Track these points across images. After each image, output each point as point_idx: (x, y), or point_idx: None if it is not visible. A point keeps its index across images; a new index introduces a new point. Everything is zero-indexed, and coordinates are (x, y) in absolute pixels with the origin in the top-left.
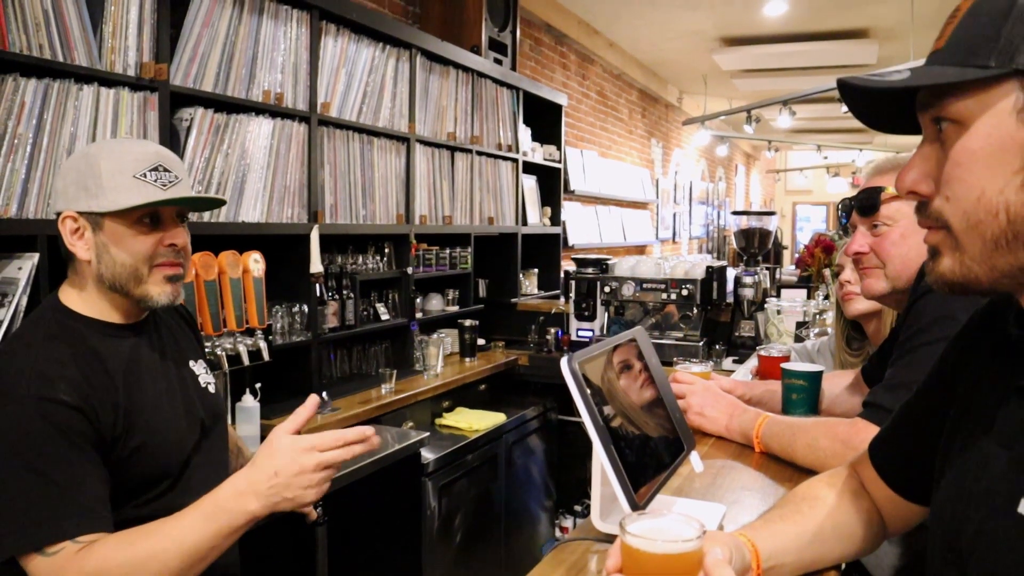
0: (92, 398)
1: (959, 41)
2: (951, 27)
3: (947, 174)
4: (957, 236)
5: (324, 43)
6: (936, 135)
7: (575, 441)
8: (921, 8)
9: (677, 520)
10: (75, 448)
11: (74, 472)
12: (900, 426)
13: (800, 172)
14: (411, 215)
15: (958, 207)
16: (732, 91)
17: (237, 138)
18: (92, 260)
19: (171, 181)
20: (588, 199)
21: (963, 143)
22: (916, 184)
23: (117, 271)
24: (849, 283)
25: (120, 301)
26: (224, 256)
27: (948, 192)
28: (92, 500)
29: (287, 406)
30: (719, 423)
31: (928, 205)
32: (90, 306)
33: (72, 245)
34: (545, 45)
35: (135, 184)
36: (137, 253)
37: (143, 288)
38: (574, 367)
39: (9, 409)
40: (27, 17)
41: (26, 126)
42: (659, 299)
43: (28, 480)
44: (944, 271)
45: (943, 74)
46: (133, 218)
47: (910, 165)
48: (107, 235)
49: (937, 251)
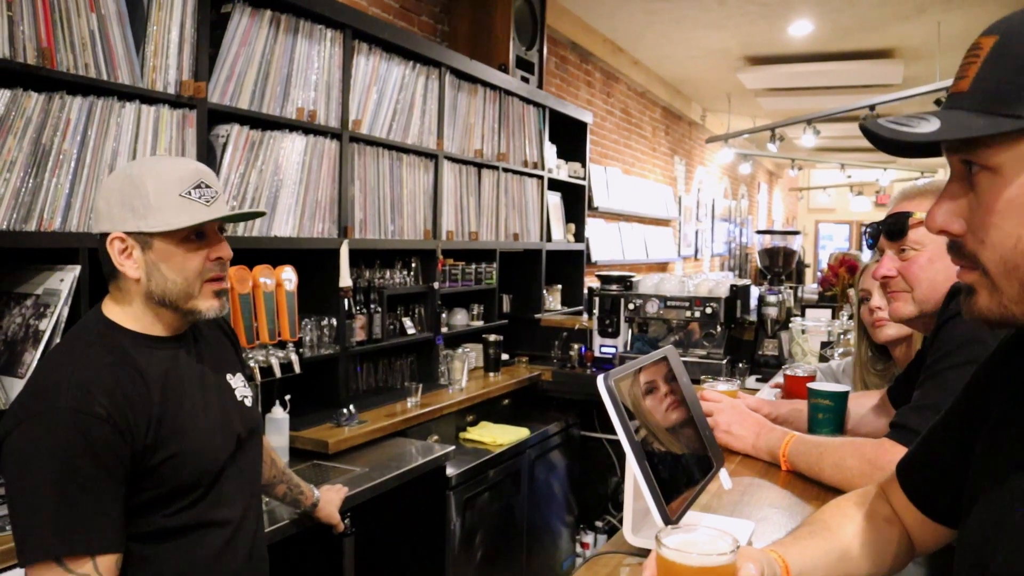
0: (126, 409)
1: (986, 86)
2: (974, 68)
3: (982, 220)
4: (994, 279)
5: (356, 61)
6: (964, 174)
7: (597, 457)
8: (947, 29)
9: (711, 534)
10: (103, 466)
11: (102, 491)
12: (929, 448)
13: (823, 190)
14: (438, 231)
15: (995, 253)
16: (756, 109)
17: (271, 154)
18: (142, 278)
19: (212, 197)
20: (611, 216)
21: (998, 192)
22: (947, 224)
23: (169, 288)
24: (879, 309)
25: (166, 315)
26: (258, 270)
27: (983, 236)
28: (111, 521)
29: (315, 418)
30: (746, 441)
31: (962, 246)
32: (133, 319)
33: (121, 265)
34: (570, 63)
35: (181, 203)
36: (188, 270)
37: (193, 303)
38: (610, 385)
39: (48, 418)
40: (75, 37)
41: (71, 142)
42: (683, 317)
43: (57, 492)
44: (981, 309)
45: (974, 126)
46: (181, 236)
47: (939, 205)
48: (157, 254)
49: (973, 289)
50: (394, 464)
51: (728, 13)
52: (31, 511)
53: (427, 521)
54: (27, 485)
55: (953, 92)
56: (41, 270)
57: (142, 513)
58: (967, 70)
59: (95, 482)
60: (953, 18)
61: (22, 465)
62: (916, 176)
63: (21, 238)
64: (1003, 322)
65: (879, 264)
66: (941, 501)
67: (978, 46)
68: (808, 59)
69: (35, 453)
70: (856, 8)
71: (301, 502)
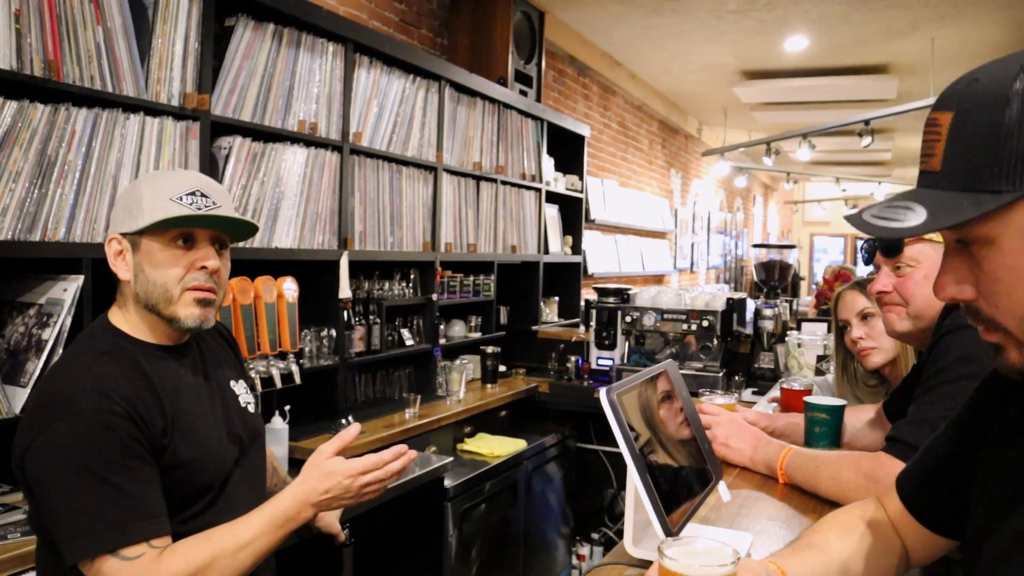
0: (142, 409)
1: (956, 165)
2: (939, 146)
3: (989, 288)
4: (1018, 337)
5: (357, 75)
6: (960, 246)
7: (593, 469)
8: (941, 45)
9: (711, 546)
10: (137, 457)
11: (139, 479)
12: (930, 462)
13: (818, 204)
14: (437, 243)
15: (1012, 315)
16: (752, 123)
17: (272, 166)
18: (131, 280)
19: (208, 206)
20: (608, 228)
21: (998, 261)
22: (957, 295)
23: (150, 290)
24: (862, 339)
25: (158, 323)
26: (260, 281)
27: (996, 302)
28: (157, 506)
29: (314, 428)
30: (744, 454)
31: (979, 311)
32: (134, 327)
33: (115, 266)
34: (568, 76)
35: (170, 205)
36: (169, 273)
37: (172, 309)
38: (612, 398)
39: (72, 421)
40: (81, 50)
41: (75, 153)
42: (679, 329)
43: (97, 487)
44: (1013, 363)
45: (961, 212)
46: (167, 238)
47: (943, 278)
48: (143, 255)
49: (1001, 348)
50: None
51: (725, 28)
52: (72, 510)
53: (424, 532)
54: (62, 487)
55: (925, 170)
56: (44, 280)
57: None
58: (932, 147)
59: (131, 472)
60: (946, 34)
61: (53, 468)
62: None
63: (25, 248)
64: None
65: (875, 280)
66: (943, 514)
67: (936, 122)
68: (803, 74)
69: (65, 454)
70: (851, 24)
71: None
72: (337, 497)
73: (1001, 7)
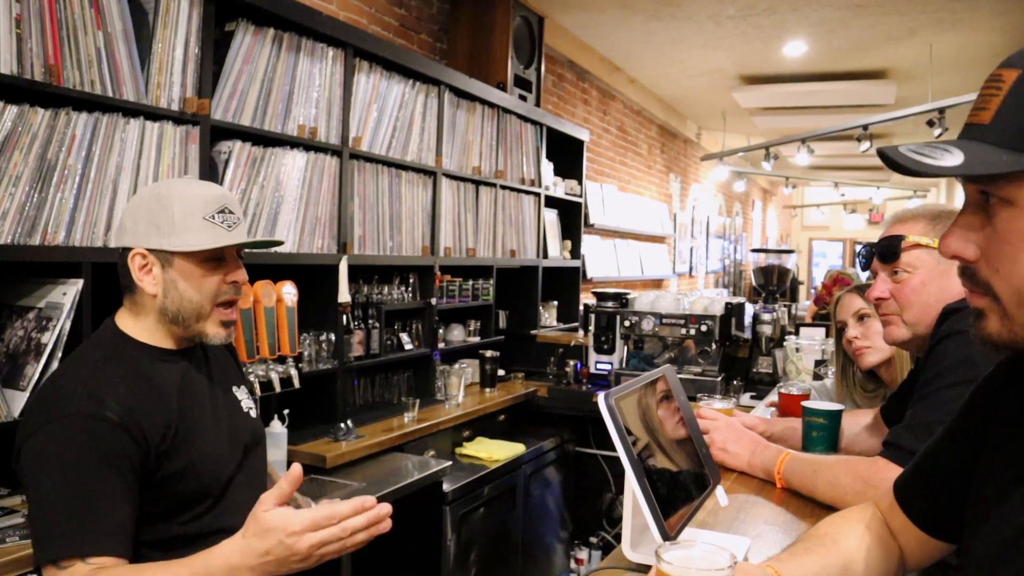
0: (140, 418)
1: (1009, 121)
2: (995, 101)
3: (998, 250)
4: (1005, 307)
5: (357, 79)
6: (981, 203)
7: (592, 473)
8: (939, 50)
9: (709, 550)
10: (113, 469)
11: (105, 492)
12: (928, 466)
13: (817, 208)
14: (436, 247)
15: (1009, 282)
16: (751, 128)
17: (272, 170)
18: (159, 295)
19: (234, 223)
20: (607, 233)
21: (1017, 226)
22: (961, 251)
23: (183, 306)
24: (857, 339)
25: (177, 331)
26: (259, 285)
27: (998, 266)
28: (115, 525)
29: (313, 432)
30: (742, 459)
31: (975, 273)
32: (146, 332)
33: (140, 280)
34: (567, 81)
35: (205, 226)
36: (204, 291)
37: (202, 325)
38: (610, 403)
39: (56, 425)
40: (81, 55)
41: (76, 157)
42: (678, 334)
43: (61, 494)
44: (991, 332)
45: (998, 163)
46: (201, 257)
47: (954, 231)
48: (177, 272)
49: (983, 314)
50: (391, 479)
51: (724, 33)
52: (43, 513)
53: (423, 536)
54: (41, 488)
55: (972, 122)
56: (44, 283)
57: (158, 520)
58: (988, 102)
59: (103, 484)
60: (945, 40)
61: (37, 470)
62: (909, 195)
63: (25, 252)
64: (1011, 346)
65: (872, 286)
66: (940, 518)
67: (999, 78)
68: (802, 79)
69: (48, 458)
70: (849, 30)
71: None
72: (282, 560)
73: (999, 13)
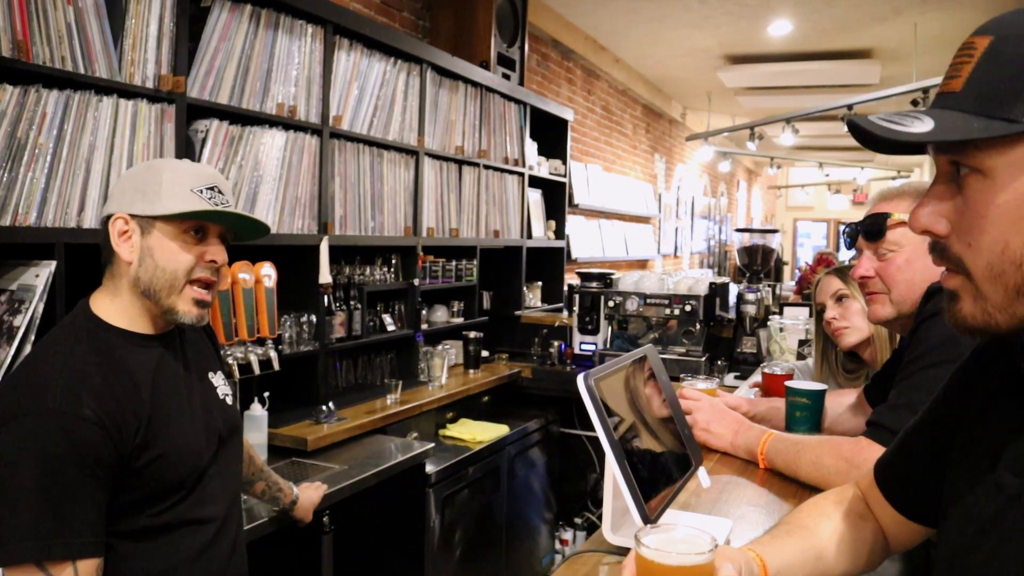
0: (115, 410)
1: (980, 87)
2: (967, 67)
3: (970, 223)
4: (978, 284)
5: (337, 57)
6: (952, 175)
7: (576, 454)
8: (924, 30)
9: (690, 533)
10: (87, 470)
11: (82, 494)
12: (906, 448)
13: (801, 188)
14: (419, 227)
15: (981, 258)
16: (736, 108)
17: (251, 150)
18: (133, 262)
19: (223, 203)
20: (592, 213)
21: (988, 196)
22: (931, 225)
23: (156, 276)
24: (836, 319)
25: (149, 309)
26: (238, 266)
27: (970, 240)
28: (92, 525)
29: (294, 415)
30: (724, 439)
31: (946, 248)
32: (120, 315)
33: (117, 246)
34: (552, 60)
35: (191, 196)
36: (179, 262)
37: (172, 300)
38: (590, 384)
39: (34, 420)
40: (51, 30)
41: (47, 136)
42: (662, 314)
43: (39, 494)
44: (965, 315)
45: (969, 129)
46: (182, 228)
47: (924, 204)
48: (154, 240)
49: (956, 295)
50: (373, 461)
51: (709, 12)
52: (13, 513)
53: (406, 518)
54: (10, 486)
55: (944, 91)
56: (16, 265)
57: (128, 512)
58: (960, 69)
59: (78, 486)
60: (929, 20)
61: (7, 466)
62: (893, 175)
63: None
64: (986, 330)
65: (857, 264)
66: (917, 501)
67: (971, 45)
68: (787, 59)
69: (20, 455)
70: (834, 9)
71: (280, 500)
72: None
73: None
